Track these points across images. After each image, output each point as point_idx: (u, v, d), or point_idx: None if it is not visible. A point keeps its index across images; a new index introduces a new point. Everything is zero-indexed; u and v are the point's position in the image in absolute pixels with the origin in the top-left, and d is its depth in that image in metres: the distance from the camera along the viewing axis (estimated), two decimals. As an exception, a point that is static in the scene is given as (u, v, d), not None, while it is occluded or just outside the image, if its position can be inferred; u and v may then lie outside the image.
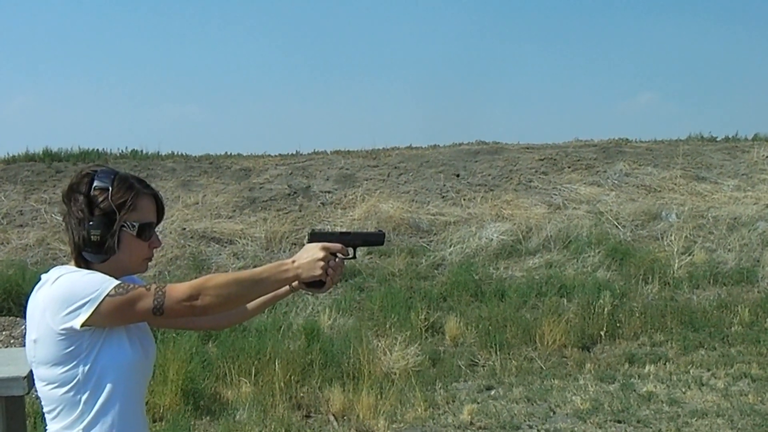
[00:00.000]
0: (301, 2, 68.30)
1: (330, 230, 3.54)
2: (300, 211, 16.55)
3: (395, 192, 17.74)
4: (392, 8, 69.97)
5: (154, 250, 3.28)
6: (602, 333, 12.63)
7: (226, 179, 18.32)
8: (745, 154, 21.34)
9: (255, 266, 12.97)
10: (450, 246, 15.80)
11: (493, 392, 10.40)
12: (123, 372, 3.03)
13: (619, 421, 9.04)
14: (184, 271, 14.10)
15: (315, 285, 3.24)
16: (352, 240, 3.40)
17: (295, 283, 3.27)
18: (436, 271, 14.92)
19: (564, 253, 15.60)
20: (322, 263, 3.16)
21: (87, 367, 2.95)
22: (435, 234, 16.34)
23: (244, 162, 19.45)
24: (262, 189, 17.60)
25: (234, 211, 16.67)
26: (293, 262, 3.17)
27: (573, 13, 68.06)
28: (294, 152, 20.45)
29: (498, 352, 11.86)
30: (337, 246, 3.27)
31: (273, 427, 8.73)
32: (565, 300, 13.74)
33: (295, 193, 17.28)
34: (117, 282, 2.95)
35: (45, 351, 2.94)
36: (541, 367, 11.49)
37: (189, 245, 15.15)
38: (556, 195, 18.38)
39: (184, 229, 15.67)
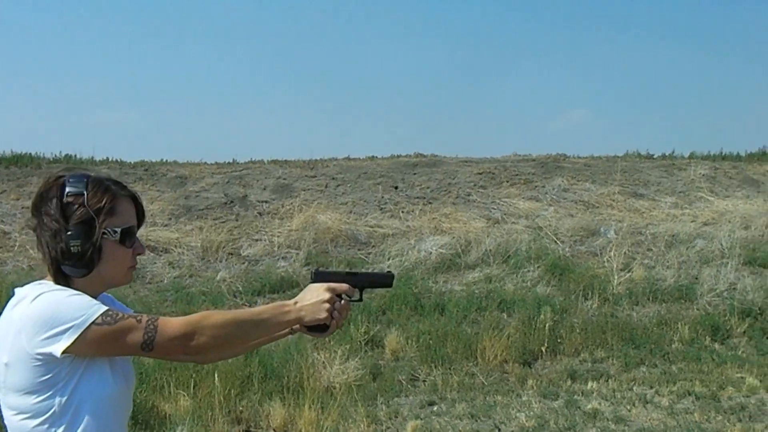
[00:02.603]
0: (238, 10, 67.83)
1: (335, 269, 3.24)
2: (237, 220, 16.28)
3: (333, 203, 17.53)
4: (329, 18, 69.86)
5: (138, 258, 2.98)
6: (543, 349, 12.51)
7: (161, 186, 17.99)
8: (682, 171, 21.45)
9: (191, 276, 12.67)
10: (389, 259, 15.60)
11: (435, 408, 10.21)
12: (103, 405, 2.72)
13: (567, 439, 8.90)
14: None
15: (318, 329, 3.00)
16: (359, 281, 3.12)
17: (296, 326, 3.01)
18: (374, 284, 14.69)
19: (503, 268, 15.47)
20: (327, 305, 2.94)
21: (64, 399, 2.63)
22: (373, 246, 16.15)
23: (180, 169, 19.13)
24: (199, 197, 17.30)
25: (170, 219, 16.36)
26: (296, 303, 2.94)
27: (506, 27, 68.46)
28: (230, 161, 20.22)
29: (439, 367, 11.69)
30: (344, 287, 3.02)
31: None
32: (506, 315, 13.60)
33: (231, 202, 17.00)
34: (105, 308, 2.65)
35: (17, 377, 2.62)
36: (483, 383, 11.32)
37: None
38: (494, 209, 18.29)
39: (119, 236, 15.29)
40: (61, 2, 63.92)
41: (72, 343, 2.56)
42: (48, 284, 2.75)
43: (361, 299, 3.11)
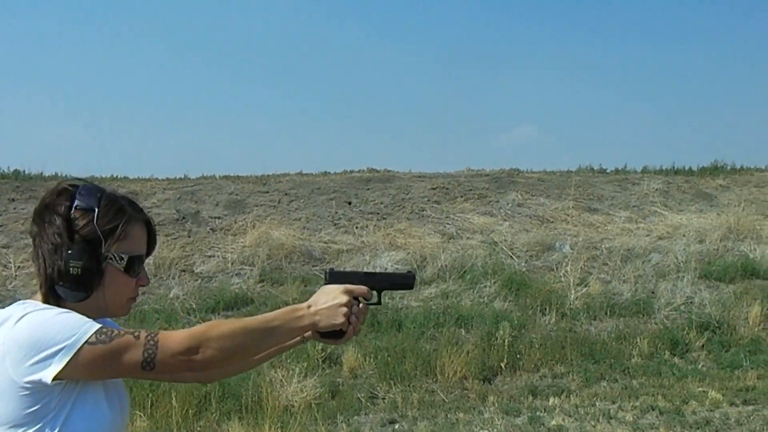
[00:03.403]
0: (188, 23, 67.49)
1: (351, 270, 2.96)
2: (189, 236, 16.02)
3: (286, 219, 17.32)
4: (282, 33, 69.75)
5: (140, 289, 2.70)
6: (503, 365, 12.38)
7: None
8: (635, 186, 21.49)
9: (144, 293, 12.36)
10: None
11: (396, 426, 10.04)
12: None
13: (533, 457, 8.74)
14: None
15: (333, 335, 2.74)
16: (378, 282, 2.86)
17: (308, 333, 2.75)
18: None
19: (460, 283, 15.34)
20: (344, 309, 2.67)
21: (55, 431, 2.34)
22: (328, 262, 15.95)
23: (131, 185, 18.80)
24: (150, 213, 16.78)
25: (121, 235, 16.05)
26: (309, 307, 2.66)
27: (456, 44, 68.69)
28: (182, 176, 19.94)
29: (398, 384, 11.51)
30: (362, 289, 2.75)
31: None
32: (464, 331, 13.46)
33: (183, 218, 16.74)
34: (98, 326, 2.37)
35: (3, 408, 2.32)
36: (444, 400, 11.15)
37: (74, 270, 14.48)
38: (449, 224, 18.16)
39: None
40: (9, 16, 63.20)
41: (63, 367, 2.29)
42: (34, 303, 2.47)
43: (379, 302, 2.86)
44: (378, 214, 18.36)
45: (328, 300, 2.65)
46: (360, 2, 71.07)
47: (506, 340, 12.74)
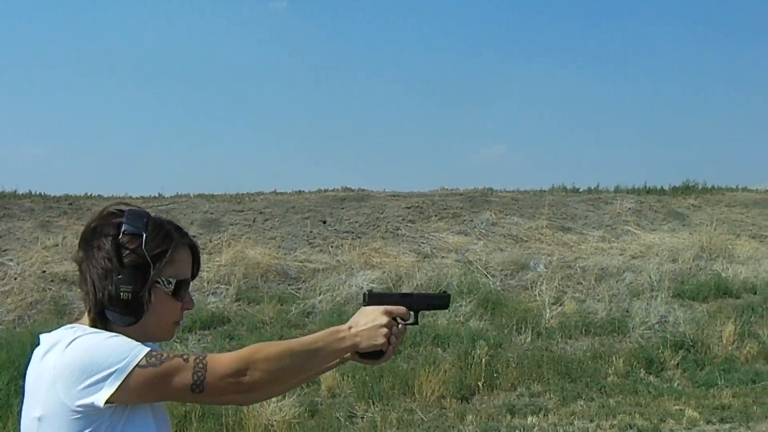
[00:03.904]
0: (156, 40, 67.34)
1: (389, 291, 3.02)
2: (165, 256, 15.98)
3: (262, 238, 17.31)
4: (253, 49, 69.70)
5: (185, 313, 2.74)
6: (480, 384, 12.41)
7: (86, 220, 17.47)
8: (608, 205, 21.63)
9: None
10: (320, 294, 15.43)
11: (376, 445, 10.05)
12: None
13: (514, 475, 8.78)
14: (45, 316, 13.32)
15: (372, 355, 2.77)
16: (415, 302, 2.89)
17: (347, 354, 2.77)
18: (306, 319, 14.52)
19: (435, 303, 15.35)
20: (385, 330, 2.71)
21: None
22: (304, 281, 15.96)
23: (105, 203, 18.64)
24: (125, 232, 16.93)
25: (96, 254, 15.98)
26: (350, 328, 2.70)
27: (425, 62, 68.88)
28: (156, 195, 19.88)
29: (377, 404, 11.54)
30: (402, 310, 2.79)
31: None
32: (441, 350, 13.48)
33: (159, 237, 16.70)
34: (148, 349, 2.40)
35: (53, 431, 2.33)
36: (423, 419, 11.18)
37: (50, 289, 14.37)
38: (424, 243, 18.20)
39: (44, 271, 14.88)
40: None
41: (115, 391, 2.32)
42: (82, 327, 2.49)
43: (416, 322, 2.89)
44: (353, 233, 18.38)
45: (369, 321, 2.69)
46: (336, 21, 71.15)
47: (483, 359, 12.79)
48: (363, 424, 10.98)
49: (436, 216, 19.75)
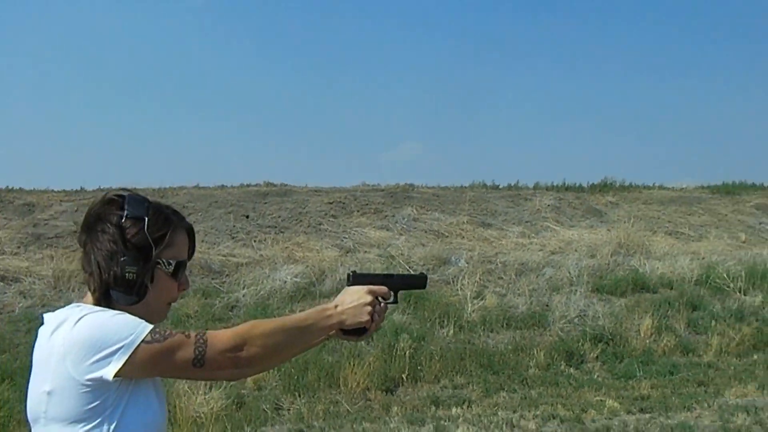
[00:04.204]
0: (78, 31, 66.53)
1: (371, 272, 3.16)
2: (87, 249, 15.87)
3: (184, 232, 17.28)
4: (174, 41, 69.22)
5: (183, 291, 2.85)
6: (404, 376, 12.55)
7: (8, 214, 17.43)
8: (528, 201, 21.92)
9: (44, 305, 12.27)
10: (244, 288, 15.45)
11: (304, 437, 10.13)
12: (148, 431, 2.58)
13: (442, 464, 8.92)
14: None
15: (355, 332, 2.90)
16: (395, 283, 3.05)
17: (332, 331, 2.88)
18: (231, 313, 14.54)
19: (358, 297, 15.45)
20: (369, 308, 2.85)
21: (112, 426, 2.48)
22: (227, 275, 15.97)
23: (28, 197, 18.58)
24: (48, 225, 16.80)
25: (19, 247, 15.85)
26: (336, 306, 2.84)
27: (341, 58, 69.02)
28: (79, 188, 19.72)
29: (303, 396, 11.62)
30: (383, 289, 2.95)
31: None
32: (365, 343, 13.57)
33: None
34: (151, 326, 2.51)
35: (63, 406, 2.45)
36: (349, 411, 11.28)
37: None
38: (346, 238, 18.32)
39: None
40: None
41: (123, 365, 2.42)
42: (87, 306, 2.60)
43: (396, 301, 3.03)
44: (276, 227, 18.43)
45: (354, 300, 2.84)
46: (253, 15, 70.94)
47: (407, 352, 12.93)
48: (289, 416, 11.05)
49: (358, 211, 19.87)
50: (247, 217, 18.69)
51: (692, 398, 11.78)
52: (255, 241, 17.60)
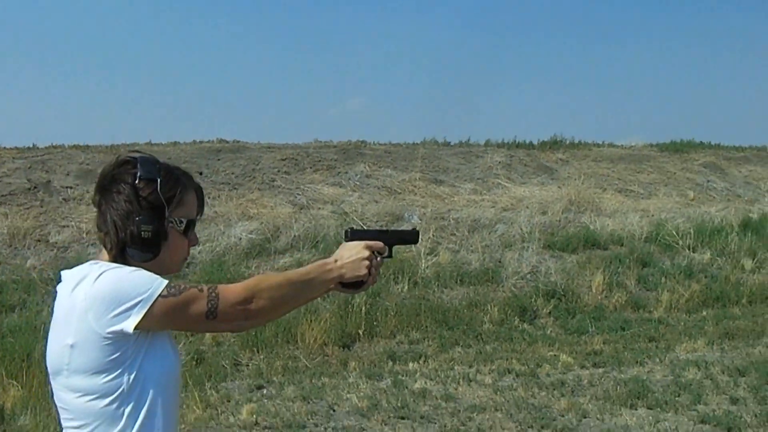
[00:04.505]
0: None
1: (367, 228, 3.31)
2: (42, 206, 15.77)
3: (139, 189, 17.20)
4: (122, 3, 68.55)
5: (193, 249, 3.00)
6: (360, 331, 12.72)
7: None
8: (479, 159, 22.02)
9: (0, 264, 12.19)
10: (199, 244, 15.45)
11: (265, 391, 10.22)
12: (165, 381, 2.73)
13: (402, 417, 9.05)
14: None
15: (353, 285, 3.03)
16: (390, 238, 3.17)
17: (332, 285, 3.00)
18: (187, 270, 14.53)
19: (313, 253, 15.53)
20: (366, 263, 2.99)
21: (132, 375, 2.63)
22: (182, 231, 15.96)
23: (-23, 156, 18.43)
24: (0, 183, 16.68)
25: (-30, 205, 15.76)
26: (336, 261, 2.96)
27: (287, 16, 68.78)
28: (31, 146, 19.52)
29: (261, 352, 11.75)
30: (379, 244, 3.08)
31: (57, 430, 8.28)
32: (321, 299, 13.67)
33: (35, 187, 16.45)
34: (167, 281, 2.63)
35: (86, 357, 2.59)
36: (307, 366, 11.41)
37: None
38: (300, 195, 18.35)
39: None
40: None
41: (142, 318, 2.55)
42: (105, 263, 2.71)
43: (390, 255, 3.16)
44: (229, 184, 18.41)
45: (352, 255, 2.97)
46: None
47: (362, 308, 13.06)
48: (249, 371, 11.17)
49: (311, 168, 19.89)
50: (201, 173, 18.65)
51: (644, 353, 12.03)
52: (209, 198, 17.57)
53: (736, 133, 75.83)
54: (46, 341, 2.74)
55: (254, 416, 9.01)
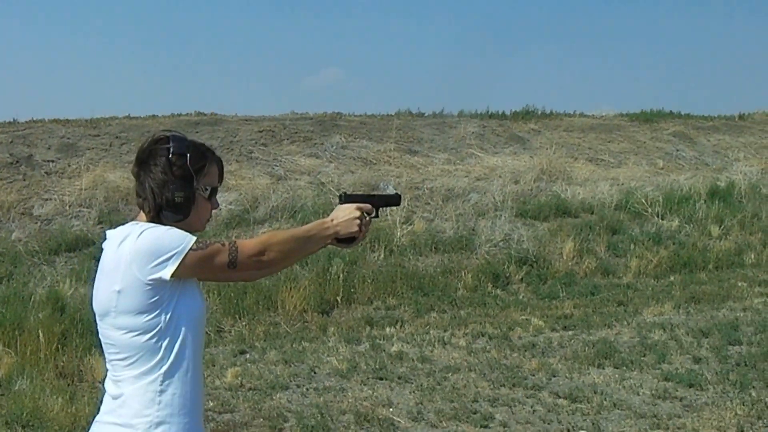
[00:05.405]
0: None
1: (358, 193, 3.84)
2: (24, 180, 16.04)
3: (119, 162, 17.46)
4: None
5: (213, 212, 3.50)
6: (338, 298, 13.11)
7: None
8: (453, 129, 22.28)
9: None
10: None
11: (248, 356, 10.63)
12: (195, 319, 3.28)
13: (381, 378, 9.47)
14: None
15: (347, 240, 3.55)
16: (377, 201, 3.72)
17: (329, 241, 3.52)
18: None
19: (291, 223, 15.85)
20: (358, 221, 3.49)
21: (168, 315, 3.18)
22: (162, 203, 16.21)
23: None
24: (-18, 158, 16.91)
25: (-47, 179, 16.00)
26: (332, 220, 3.48)
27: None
28: (11, 120, 19.70)
29: (243, 318, 12.14)
30: (368, 206, 3.60)
31: (52, 394, 8.65)
32: (299, 267, 14.03)
33: (18, 162, 16.71)
34: (195, 237, 3.18)
35: (130, 300, 3.13)
36: (288, 331, 11.82)
37: None
38: (277, 166, 18.64)
39: None
40: None
41: (177, 268, 3.09)
42: (144, 223, 3.24)
43: (377, 216, 3.70)
44: (208, 156, 18.64)
45: (346, 215, 3.50)
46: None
47: (340, 276, 13.46)
48: (231, 337, 11.56)
49: (288, 140, 20.15)
50: (179, 146, 18.86)
51: (612, 317, 12.45)
52: (188, 169, 17.82)
53: (705, 103, 76.21)
54: (92, 289, 3.30)
55: (239, 379, 9.42)
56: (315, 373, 9.80)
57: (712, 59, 71.31)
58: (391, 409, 8.50)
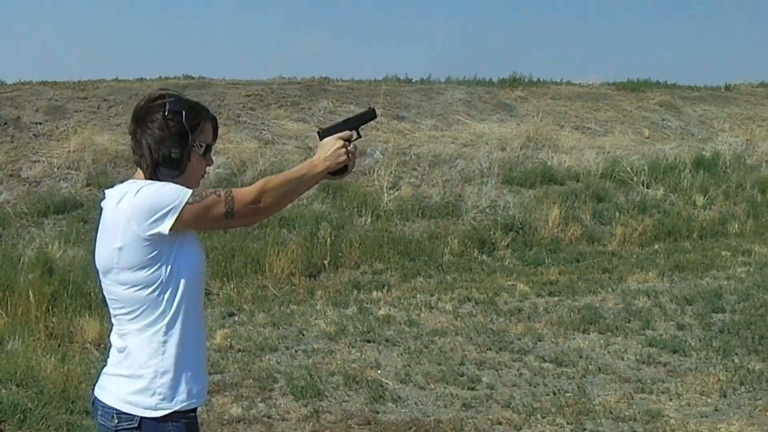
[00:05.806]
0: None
1: (332, 124, 3.83)
2: (12, 142, 16.02)
3: (108, 125, 17.45)
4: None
5: (208, 168, 3.57)
6: (326, 262, 13.20)
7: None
8: (440, 95, 22.29)
9: None
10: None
11: (236, 318, 10.75)
12: (194, 270, 3.38)
13: (368, 341, 9.60)
14: None
15: (339, 172, 3.56)
16: (353, 124, 3.69)
17: (322, 177, 3.57)
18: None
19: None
20: (343, 149, 3.50)
21: (168, 268, 3.27)
22: (151, 166, 16.22)
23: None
24: (-32, 119, 16.88)
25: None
26: (319, 157, 3.50)
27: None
28: (-1, 82, 19.64)
29: (231, 281, 12.21)
30: (348, 133, 3.59)
31: (45, 354, 8.73)
32: (287, 231, 14.11)
33: (5, 124, 16.67)
34: (191, 190, 3.25)
35: (131, 256, 3.22)
36: (276, 294, 11.91)
37: None
38: (265, 130, 18.65)
39: None
40: None
41: (174, 222, 3.17)
42: (141, 181, 3.33)
43: (360, 136, 3.68)
44: (195, 120, 18.63)
45: (330, 149, 3.51)
46: None
47: (327, 240, 13.56)
48: (219, 300, 11.64)
49: (275, 104, 20.16)
50: (167, 109, 18.84)
51: (597, 283, 12.60)
52: (176, 133, 17.81)
53: (692, 73, 76.30)
54: (94, 248, 3.39)
55: (228, 340, 9.54)
56: (303, 335, 9.92)
57: (700, 29, 71.41)
58: (379, 371, 8.63)
